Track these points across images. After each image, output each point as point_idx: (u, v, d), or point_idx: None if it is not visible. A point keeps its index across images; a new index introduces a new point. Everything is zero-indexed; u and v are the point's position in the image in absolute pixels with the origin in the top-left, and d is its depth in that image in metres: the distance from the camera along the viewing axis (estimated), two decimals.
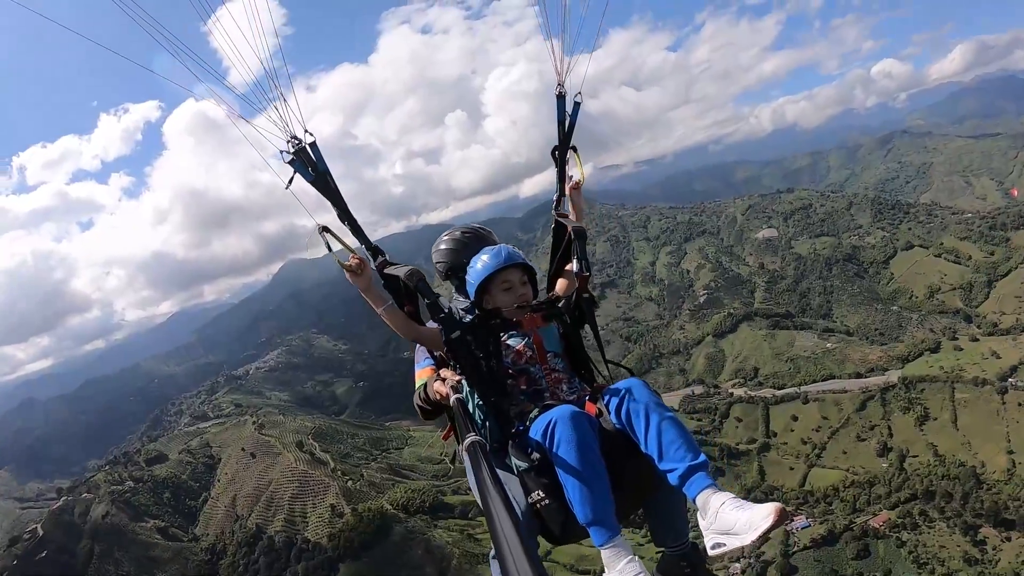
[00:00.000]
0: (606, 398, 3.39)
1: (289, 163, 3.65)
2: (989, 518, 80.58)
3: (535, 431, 3.24)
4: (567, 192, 4.33)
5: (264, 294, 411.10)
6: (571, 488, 3.02)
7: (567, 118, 4.25)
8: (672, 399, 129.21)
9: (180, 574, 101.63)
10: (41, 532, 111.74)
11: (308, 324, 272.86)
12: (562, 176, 4.35)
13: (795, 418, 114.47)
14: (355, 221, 3.86)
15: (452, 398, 3.33)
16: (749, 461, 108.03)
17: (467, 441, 2.56)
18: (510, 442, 3.40)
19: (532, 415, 3.39)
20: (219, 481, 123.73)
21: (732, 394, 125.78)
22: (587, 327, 4.04)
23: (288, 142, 3.65)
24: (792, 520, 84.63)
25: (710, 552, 2.99)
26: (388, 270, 3.86)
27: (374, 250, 3.92)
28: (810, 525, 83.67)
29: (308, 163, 3.67)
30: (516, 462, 3.34)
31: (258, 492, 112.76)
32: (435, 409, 3.80)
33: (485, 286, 3.86)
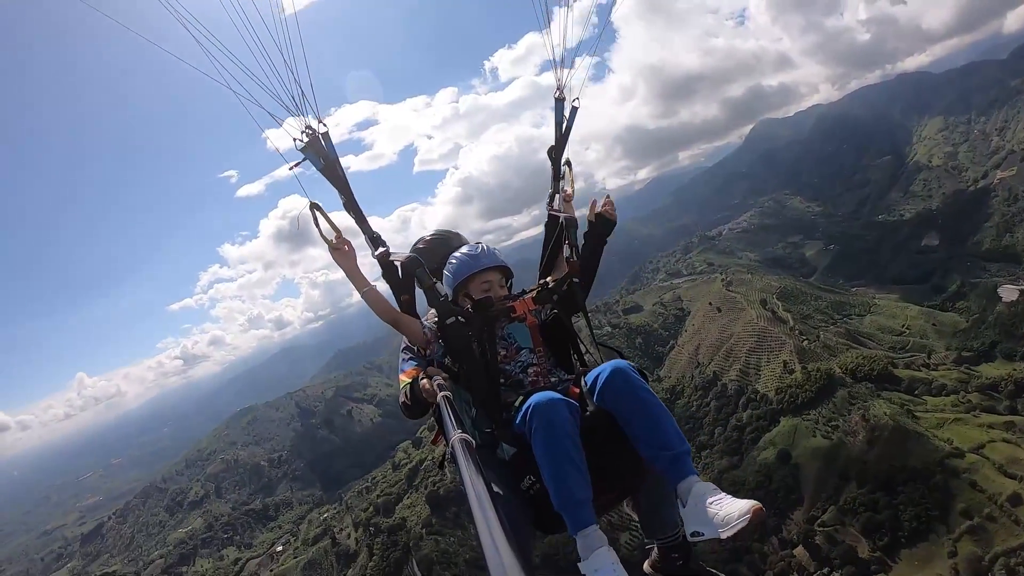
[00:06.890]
0: (589, 380, 3.39)
1: (302, 151, 3.81)
2: None
3: (517, 418, 3.27)
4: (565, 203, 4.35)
5: (736, 156, 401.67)
6: (547, 474, 3.02)
7: (564, 121, 4.42)
8: None
9: None
10: None
11: (780, 185, 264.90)
12: (556, 175, 4.43)
13: None
14: (360, 211, 3.96)
15: (439, 396, 3.19)
16: None
17: (454, 438, 2.48)
18: (501, 430, 3.44)
19: (516, 403, 3.39)
20: (686, 331, 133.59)
21: None
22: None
23: (303, 132, 3.78)
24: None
25: (689, 539, 2.99)
26: (388, 259, 3.91)
27: (374, 239, 3.95)
28: None
29: (319, 152, 3.81)
30: (507, 448, 3.38)
31: (719, 343, 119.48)
32: (421, 408, 3.66)
33: (465, 285, 3.94)
